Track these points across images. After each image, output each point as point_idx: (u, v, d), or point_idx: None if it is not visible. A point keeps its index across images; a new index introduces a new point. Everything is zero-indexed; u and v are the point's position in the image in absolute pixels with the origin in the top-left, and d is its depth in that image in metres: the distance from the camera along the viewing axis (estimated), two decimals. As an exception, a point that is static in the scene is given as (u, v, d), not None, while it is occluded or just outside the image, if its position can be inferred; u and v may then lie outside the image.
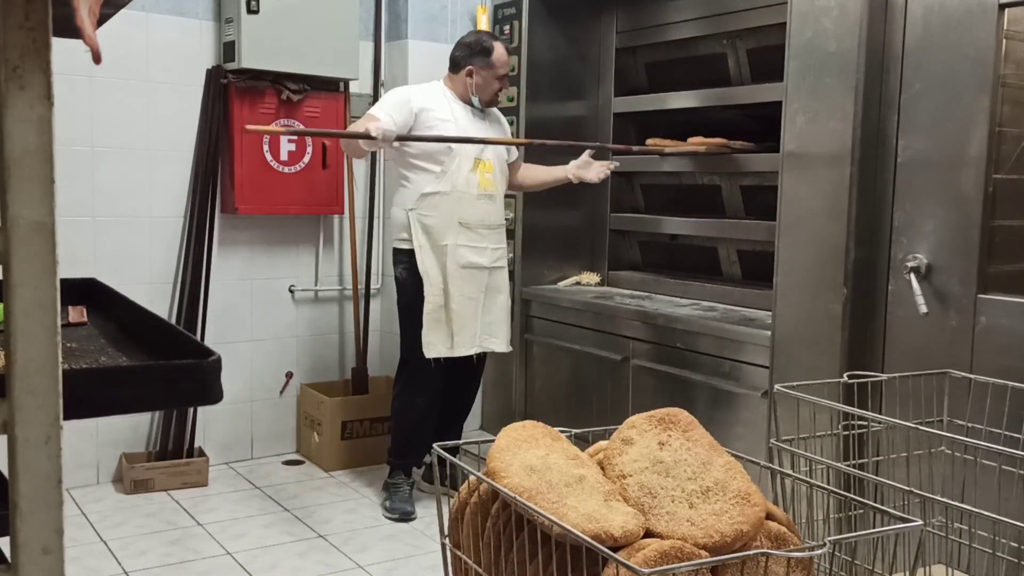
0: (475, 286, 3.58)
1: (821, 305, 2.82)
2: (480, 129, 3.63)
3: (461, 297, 3.55)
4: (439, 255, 3.53)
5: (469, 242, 3.56)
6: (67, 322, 1.43)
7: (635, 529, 1.24)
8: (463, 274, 3.55)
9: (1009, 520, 1.42)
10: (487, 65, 3.60)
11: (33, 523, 0.79)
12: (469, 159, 3.54)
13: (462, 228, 3.55)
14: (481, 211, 3.58)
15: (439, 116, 3.52)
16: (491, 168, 3.62)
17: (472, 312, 3.58)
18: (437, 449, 1.51)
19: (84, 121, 3.76)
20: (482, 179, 3.58)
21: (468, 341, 3.58)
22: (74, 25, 0.74)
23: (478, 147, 3.56)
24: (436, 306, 3.52)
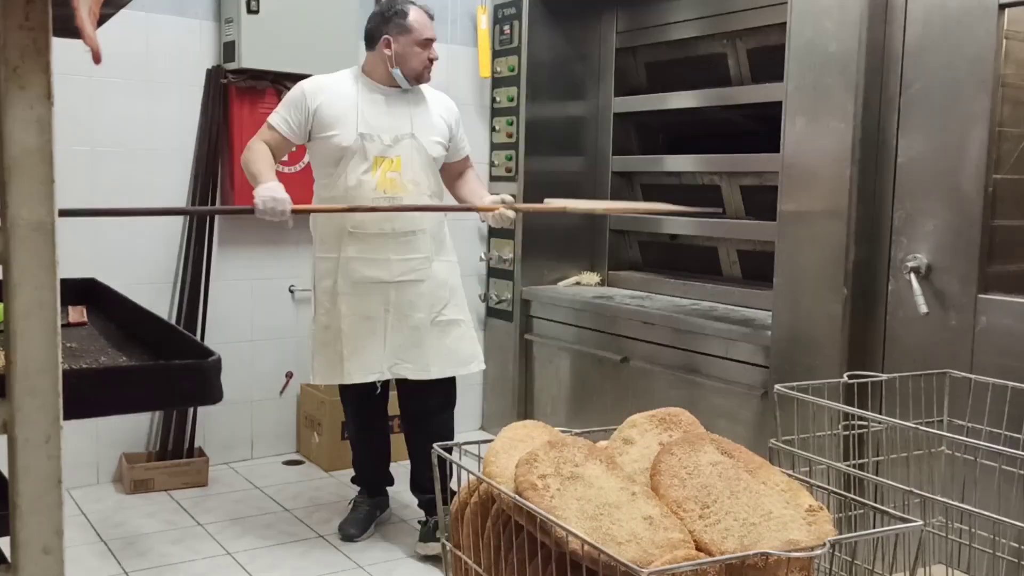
0: (373, 304, 3.13)
1: (821, 305, 2.82)
2: (400, 116, 3.17)
3: (353, 317, 3.12)
4: (330, 269, 3.15)
5: (362, 254, 3.11)
6: (67, 322, 1.44)
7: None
8: (356, 290, 3.12)
9: (1009, 520, 1.42)
10: (404, 30, 3.13)
11: (33, 523, 0.79)
12: (364, 158, 3.09)
13: (352, 238, 3.11)
14: (378, 217, 3.08)
15: (340, 110, 3.12)
16: (398, 166, 3.12)
17: (369, 333, 3.13)
18: (437, 449, 1.51)
19: (84, 121, 3.76)
20: (382, 180, 3.10)
21: (366, 367, 3.15)
22: (74, 25, 0.74)
23: (383, 144, 3.11)
24: (321, 327, 3.18)
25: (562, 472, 1.32)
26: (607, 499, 1.29)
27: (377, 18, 3.22)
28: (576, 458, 1.35)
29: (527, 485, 1.30)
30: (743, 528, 1.27)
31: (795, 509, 1.31)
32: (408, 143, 3.15)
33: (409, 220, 3.13)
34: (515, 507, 1.30)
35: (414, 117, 3.20)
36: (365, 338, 3.13)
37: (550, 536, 1.25)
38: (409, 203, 3.12)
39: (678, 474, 1.36)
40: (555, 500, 1.28)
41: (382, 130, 3.13)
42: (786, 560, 1.20)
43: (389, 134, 3.13)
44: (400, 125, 3.16)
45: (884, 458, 1.80)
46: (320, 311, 3.20)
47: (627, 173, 4.32)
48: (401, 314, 3.16)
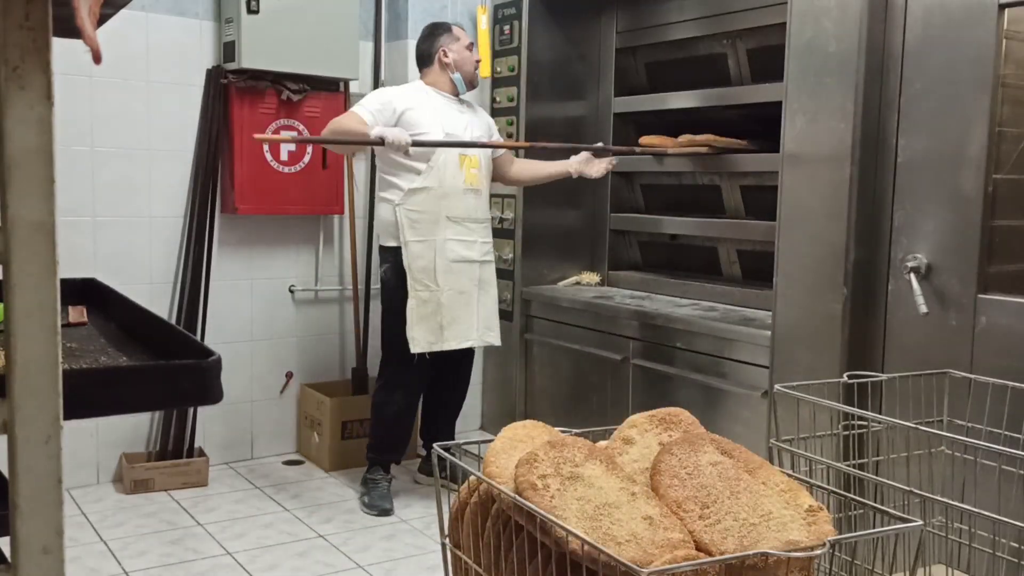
0: (467, 280, 3.61)
1: (821, 305, 2.82)
2: (465, 120, 3.66)
3: (451, 291, 3.56)
4: (427, 250, 3.54)
5: (458, 236, 3.58)
6: (67, 322, 1.43)
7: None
8: (453, 268, 3.57)
9: (1009, 520, 1.42)
10: (454, 39, 3.66)
11: (33, 523, 0.79)
12: (455, 154, 3.56)
13: (450, 222, 3.57)
14: (468, 205, 3.61)
15: (423, 114, 3.54)
16: (476, 163, 3.65)
17: (464, 306, 3.60)
18: (437, 449, 1.51)
19: (84, 121, 3.76)
20: (468, 174, 3.61)
21: (461, 334, 3.60)
22: (74, 25, 0.74)
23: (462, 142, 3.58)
24: (420, 301, 3.52)
25: (562, 472, 1.32)
26: (607, 499, 1.29)
27: (428, 39, 3.71)
28: (576, 458, 1.35)
29: (527, 485, 1.30)
30: (743, 528, 1.27)
31: (795, 509, 1.31)
32: None
33: (484, 209, 3.72)
34: (515, 507, 1.30)
35: (473, 122, 3.71)
36: (461, 309, 3.60)
37: (550, 536, 1.25)
38: (485, 195, 3.74)
39: (678, 474, 1.36)
40: (555, 500, 1.28)
41: (459, 132, 3.59)
42: (786, 560, 1.20)
43: (466, 134, 3.61)
44: (469, 128, 3.66)
45: (884, 458, 1.80)
46: (418, 287, 3.53)
47: (627, 173, 4.32)
48: (485, 289, 3.70)
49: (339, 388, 4.43)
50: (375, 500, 3.66)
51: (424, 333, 3.53)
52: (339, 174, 4.29)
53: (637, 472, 1.44)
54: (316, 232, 4.39)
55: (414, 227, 3.54)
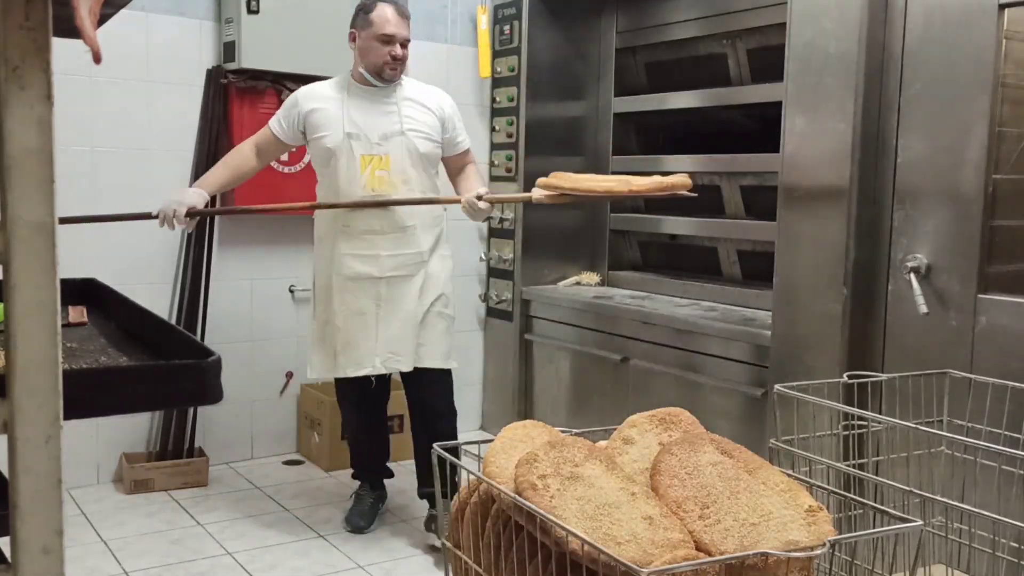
0: (365, 299, 3.18)
1: (821, 305, 2.82)
2: (388, 114, 3.20)
3: (346, 311, 3.19)
4: (326, 266, 3.25)
5: (354, 250, 3.17)
6: (67, 322, 1.44)
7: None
8: (349, 286, 3.19)
9: (1009, 520, 1.42)
10: (366, 24, 3.17)
11: (33, 523, 0.79)
12: (354, 156, 3.14)
13: (345, 235, 3.17)
14: (368, 214, 3.14)
15: (327, 114, 3.19)
16: (387, 164, 3.16)
17: (362, 328, 3.18)
18: (437, 449, 1.51)
19: (84, 121, 3.76)
20: (371, 178, 3.15)
21: (356, 361, 3.20)
22: (74, 25, 0.74)
23: (371, 140, 3.16)
24: (320, 322, 3.27)
25: (562, 472, 1.32)
26: (607, 499, 1.29)
27: (354, 12, 3.28)
28: (576, 458, 1.35)
29: (527, 485, 1.30)
30: (743, 528, 1.27)
31: (795, 509, 1.31)
32: (398, 140, 3.18)
33: (400, 217, 3.18)
34: (515, 507, 1.30)
35: (403, 114, 3.22)
36: (357, 332, 3.19)
37: (550, 536, 1.25)
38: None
39: (678, 474, 1.36)
40: (555, 500, 1.28)
41: (369, 129, 3.17)
42: (786, 560, 1.20)
43: (377, 132, 3.17)
44: (389, 123, 3.19)
45: (884, 458, 1.80)
46: (318, 307, 3.28)
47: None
48: (391, 308, 3.20)
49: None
50: (351, 515, 3.49)
51: (321, 358, 3.27)
52: (339, 174, 4.29)
53: (637, 472, 1.44)
54: (316, 232, 4.38)
55: (319, 241, 3.29)
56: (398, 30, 3.18)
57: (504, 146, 4.40)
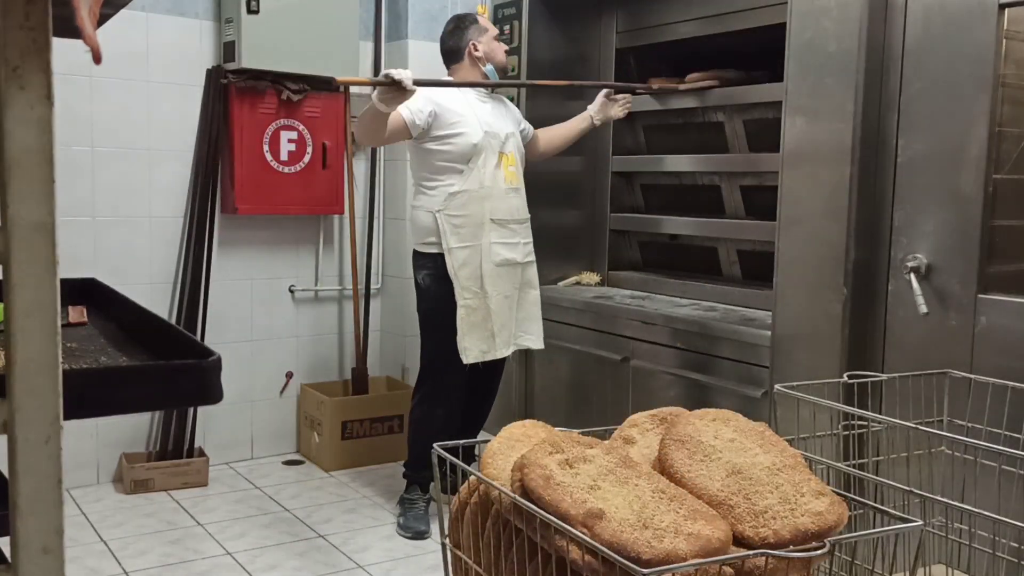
0: (510, 283, 3.50)
1: (821, 305, 2.82)
2: (498, 114, 3.56)
3: (498, 296, 3.45)
4: (473, 255, 3.41)
5: (502, 239, 3.47)
6: (67, 322, 1.43)
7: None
8: (499, 272, 3.45)
9: (1009, 520, 1.42)
10: (481, 31, 3.55)
11: (33, 523, 0.79)
12: (494, 153, 3.45)
13: (494, 225, 3.45)
14: (510, 206, 3.51)
15: (460, 111, 3.42)
16: (514, 161, 3.54)
17: (507, 310, 3.50)
18: (437, 449, 1.51)
19: (84, 121, 3.76)
20: (507, 173, 3.50)
21: (507, 340, 3.51)
22: (74, 25, 0.74)
23: (500, 141, 3.48)
24: (470, 309, 3.39)
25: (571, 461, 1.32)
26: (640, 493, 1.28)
27: (455, 33, 3.57)
28: (584, 451, 1.35)
29: (539, 475, 1.29)
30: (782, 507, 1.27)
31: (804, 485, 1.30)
32: (512, 140, 3.57)
33: (524, 208, 3.60)
34: (514, 508, 1.30)
35: (506, 116, 3.61)
36: (505, 315, 3.50)
37: (549, 533, 1.25)
38: (523, 193, 3.60)
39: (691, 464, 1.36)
40: (566, 480, 1.27)
41: (496, 129, 3.50)
42: (786, 561, 1.20)
43: (502, 132, 3.52)
44: (504, 125, 3.56)
45: (884, 458, 1.80)
46: (466, 295, 3.41)
47: (627, 173, 4.32)
48: (525, 291, 3.59)
49: (339, 388, 4.43)
50: (410, 522, 3.49)
51: (476, 342, 3.40)
52: (339, 174, 4.29)
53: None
54: (316, 232, 4.39)
55: (458, 232, 3.40)
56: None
57: (504, 146, 4.40)
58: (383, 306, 4.59)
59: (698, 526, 1.22)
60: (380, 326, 4.59)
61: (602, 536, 1.18)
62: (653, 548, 1.17)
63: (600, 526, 1.20)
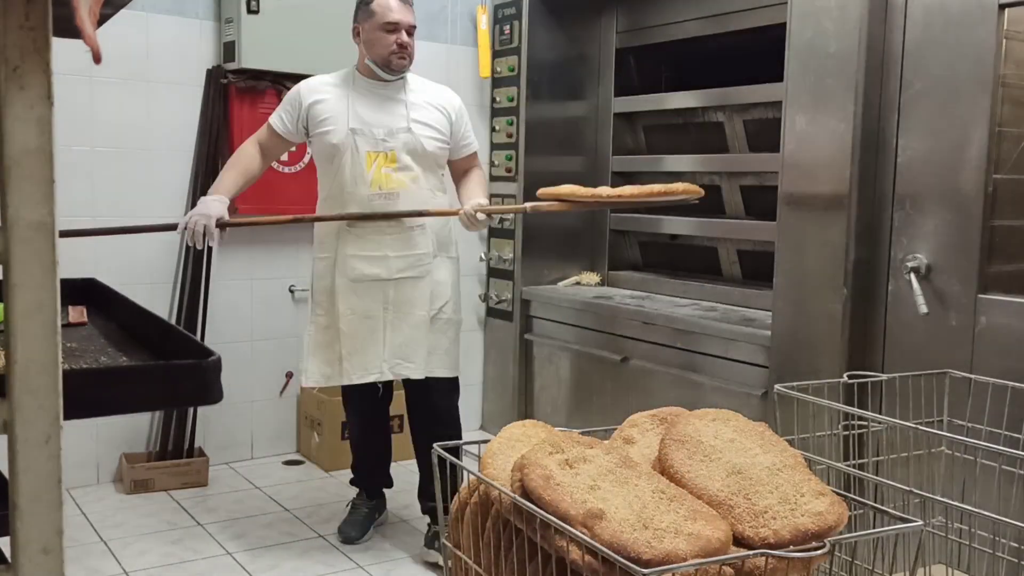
0: (372, 302, 3.07)
1: (821, 305, 2.82)
2: (394, 110, 3.11)
3: (352, 316, 3.07)
4: (327, 268, 3.12)
5: (360, 251, 3.06)
6: (67, 322, 1.44)
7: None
8: (355, 288, 3.07)
9: (1009, 520, 1.42)
10: (368, 15, 3.06)
11: (33, 523, 0.79)
12: (360, 153, 3.04)
13: (350, 235, 3.06)
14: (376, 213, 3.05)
15: (330, 106, 3.09)
16: (393, 161, 3.06)
17: (369, 332, 3.07)
18: (438, 449, 1.51)
19: (84, 121, 3.76)
20: (377, 175, 3.05)
21: (363, 367, 3.09)
22: (74, 25, 0.74)
23: (376, 136, 3.06)
24: (319, 327, 3.13)
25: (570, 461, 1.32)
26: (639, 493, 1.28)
27: (355, 9, 3.16)
28: (584, 452, 1.35)
29: (539, 475, 1.29)
30: (781, 508, 1.27)
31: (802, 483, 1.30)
32: (404, 137, 3.08)
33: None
34: (513, 508, 1.30)
35: (410, 110, 3.12)
36: (364, 337, 3.07)
37: (549, 532, 1.25)
38: (406, 198, 3.06)
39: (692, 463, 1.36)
40: (567, 479, 1.27)
41: (375, 125, 3.07)
42: (786, 561, 1.20)
43: (382, 128, 3.07)
44: (395, 119, 3.09)
45: (884, 458, 1.80)
46: (318, 311, 3.14)
47: (627, 173, 4.32)
48: (401, 312, 3.09)
49: (339, 388, 4.42)
50: (343, 525, 3.40)
51: (319, 365, 3.12)
52: (339, 174, 4.29)
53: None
54: (316, 232, 4.38)
55: (321, 242, 3.15)
56: (402, 17, 3.06)
57: (504, 146, 4.40)
58: (383, 306, 4.59)
59: (698, 526, 1.22)
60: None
61: (602, 536, 1.18)
62: (653, 548, 1.17)
63: (600, 526, 1.20)
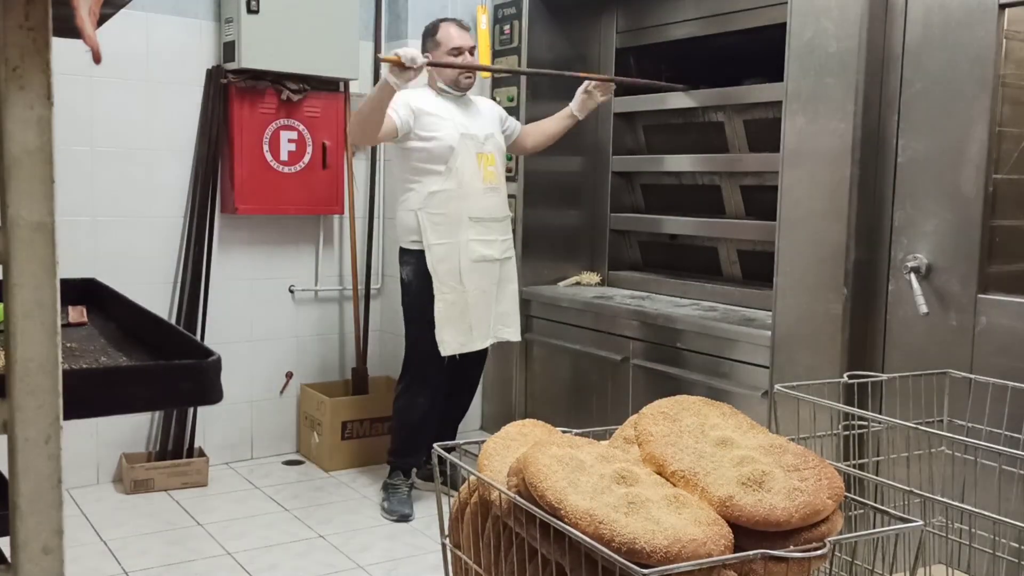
0: (488, 279, 3.62)
1: (821, 305, 2.82)
2: (474, 116, 3.65)
3: (476, 291, 3.57)
4: (451, 252, 3.54)
5: (479, 236, 3.58)
6: (67, 322, 1.43)
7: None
8: (476, 268, 3.57)
9: (1009, 520, 1.42)
10: (435, 45, 3.60)
11: (33, 523, 0.79)
12: (472, 154, 3.56)
13: (472, 223, 3.56)
14: (488, 204, 3.61)
15: (436, 116, 3.54)
16: (493, 160, 3.65)
17: (485, 305, 3.62)
18: (437, 449, 1.51)
19: (84, 121, 3.76)
20: (486, 172, 3.61)
21: (484, 334, 3.63)
22: (74, 25, 0.74)
23: (479, 142, 3.59)
24: (448, 303, 3.52)
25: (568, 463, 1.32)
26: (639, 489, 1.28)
27: (422, 39, 3.69)
28: (580, 456, 1.35)
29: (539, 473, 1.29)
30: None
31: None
32: (492, 141, 3.67)
33: (503, 206, 3.71)
34: (513, 508, 1.30)
35: (483, 118, 3.70)
36: (483, 309, 3.61)
37: (548, 531, 1.25)
38: (504, 192, 3.74)
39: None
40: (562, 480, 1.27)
41: (475, 130, 3.60)
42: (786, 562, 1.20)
43: (481, 133, 3.62)
44: (482, 125, 3.65)
45: (884, 458, 1.80)
46: (445, 289, 3.53)
47: (627, 173, 4.32)
48: (503, 287, 3.70)
49: (339, 388, 4.43)
50: (395, 505, 3.64)
51: (454, 335, 3.54)
52: (339, 174, 4.29)
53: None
54: (316, 232, 4.39)
55: (436, 229, 3.54)
56: (463, 42, 3.61)
57: (504, 146, 4.40)
58: (383, 306, 4.59)
59: (699, 527, 1.22)
60: (380, 326, 4.59)
61: (602, 536, 1.18)
62: (653, 548, 1.17)
63: (600, 526, 1.20)
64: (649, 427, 1.44)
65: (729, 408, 1.57)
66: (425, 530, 3.50)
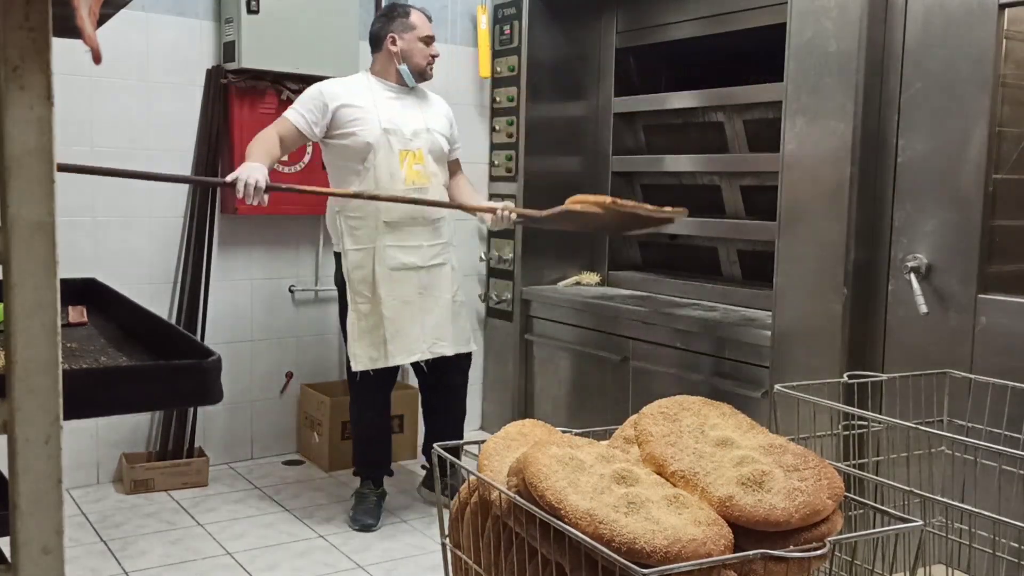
0: (409, 288, 3.36)
1: (821, 305, 2.82)
2: (413, 114, 3.41)
3: (393, 301, 3.32)
4: (366, 258, 3.32)
5: (397, 242, 3.34)
6: (67, 322, 1.44)
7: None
8: (394, 276, 3.33)
9: (1009, 520, 1.42)
10: (407, 27, 3.40)
11: (33, 523, 0.80)
12: (393, 152, 3.31)
13: (388, 228, 3.32)
14: (408, 208, 3.30)
15: (358, 110, 3.32)
16: (421, 159, 3.37)
17: (409, 317, 3.35)
18: (438, 449, 1.51)
19: (84, 121, 3.76)
20: (409, 172, 3.34)
21: (408, 348, 3.36)
22: (74, 25, 0.74)
23: (404, 138, 3.34)
24: (361, 314, 3.33)
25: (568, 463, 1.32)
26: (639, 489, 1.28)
27: (382, 20, 3.49)
28: (580, 455, 1.35)
29: (539, 472, 1.29)
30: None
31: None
32: (425, 136, 3.40)
33: (435, 209, 3.35)
34: (513, 508, 1.30)
35: (425, 112, 3.45)
36: (404, 321, 3.34)
37: (548, 531, 1.25)
38: (432, 194, 3.34)
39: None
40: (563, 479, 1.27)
41: (402, 124, 3.35)
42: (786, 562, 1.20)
43: (409, 128, 3.36)
44: (415, 120, 3.40)
45: (884, 458, 1.80)
46: (359, 300, 3.34)
47: (627, 173, 4.32)
48: (432, 296, 3.42)
49: (339, 388, 4.43)
50: (358, 515, 3.50)
51: (366, 349, 3.33)
52: (339, 174, 4.29)
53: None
54: (316, 232, 4.38)
55: (353, 234, 3.33)
56: (432, 32, 3.48)
57: (504, 146, 4.40)
58: (383, 306, 4.58)
59: (699, 527, 1.22)
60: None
61: (602, 536, 1.18)
62: (653, 548, 1.17)
63: (600, 526, 1.20)
64: (649, 427, 1.44)
65: (729, 408, 1.57)
66: (425, 530, 3.50)
